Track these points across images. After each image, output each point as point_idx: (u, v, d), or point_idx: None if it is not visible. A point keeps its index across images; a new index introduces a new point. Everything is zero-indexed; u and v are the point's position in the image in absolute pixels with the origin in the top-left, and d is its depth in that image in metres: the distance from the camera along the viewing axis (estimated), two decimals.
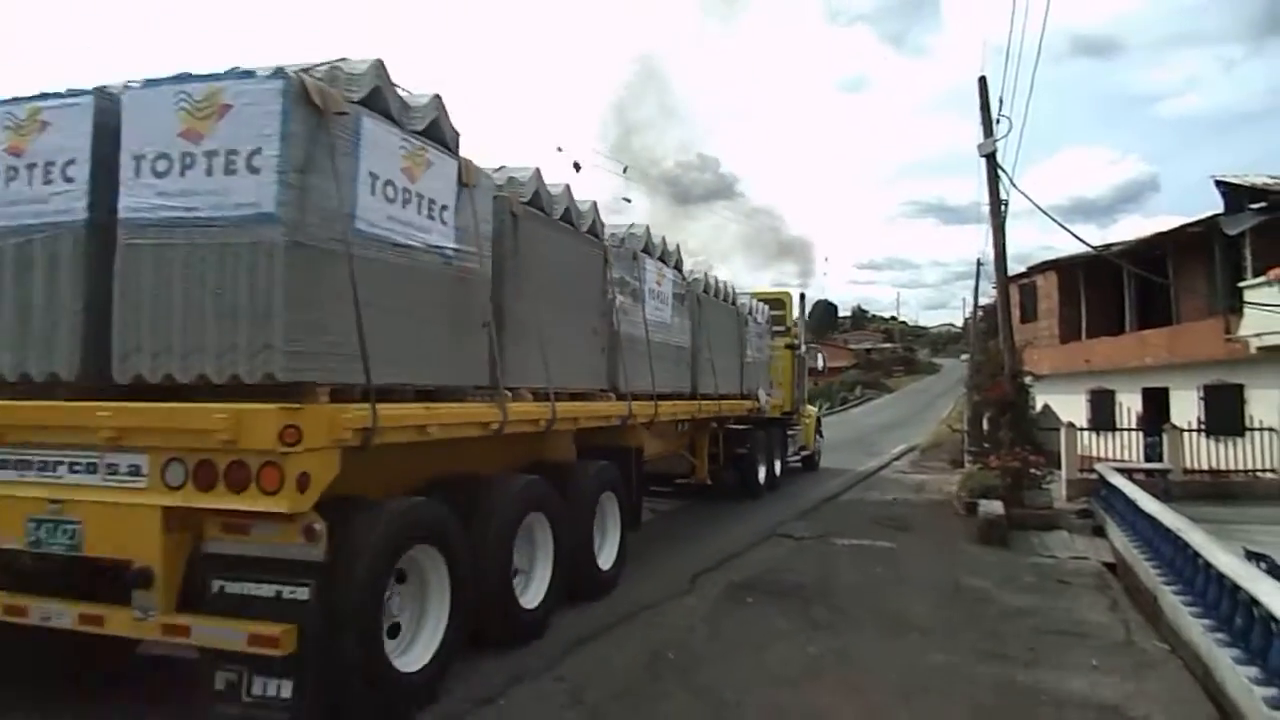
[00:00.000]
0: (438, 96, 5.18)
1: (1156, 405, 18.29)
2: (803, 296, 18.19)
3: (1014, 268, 19.17)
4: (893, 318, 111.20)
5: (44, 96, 4.51)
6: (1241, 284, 15.32)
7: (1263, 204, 15.07)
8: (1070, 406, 20.73)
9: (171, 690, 4.52)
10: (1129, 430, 16.85)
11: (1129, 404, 18.62)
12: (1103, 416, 19.57)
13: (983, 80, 14.24)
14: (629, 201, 28.75)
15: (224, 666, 3.87)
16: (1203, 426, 16.22)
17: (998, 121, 13.89)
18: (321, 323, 4.17)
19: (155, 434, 3.99)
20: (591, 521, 7.07)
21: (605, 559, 7.31)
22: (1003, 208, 14.17)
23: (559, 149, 21.56)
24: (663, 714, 4.69)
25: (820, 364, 21.05)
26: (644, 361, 8.50)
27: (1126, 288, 20.13)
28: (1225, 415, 16.12)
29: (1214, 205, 16.91)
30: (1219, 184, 16.86)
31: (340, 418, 4.07)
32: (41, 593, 4.25)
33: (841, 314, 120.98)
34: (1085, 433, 17.02)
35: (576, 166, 21.77)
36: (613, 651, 5.78)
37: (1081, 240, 16.92)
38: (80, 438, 4.09)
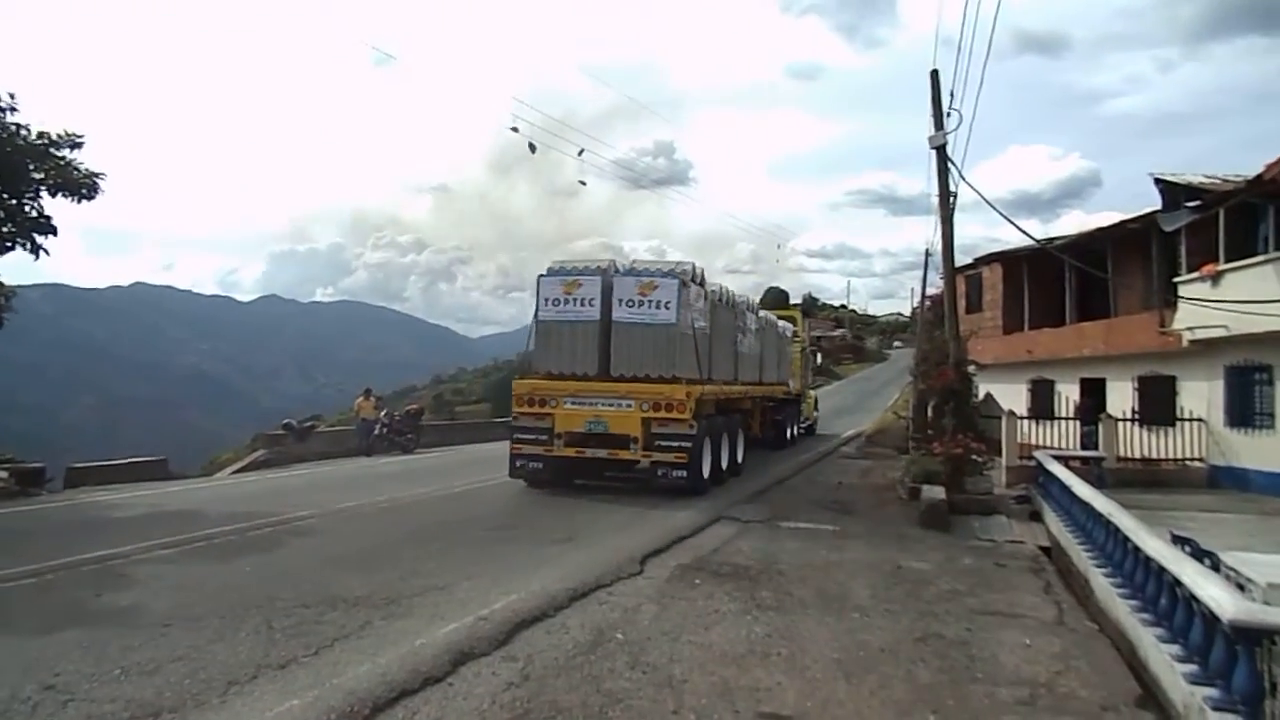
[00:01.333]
0: (702, 269, 14.05)
1: (1093, 395, 18.82)
2: (805, 312, 31.35)
3: (961, 259, 19.53)
4: (843, 306, 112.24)
5: (580, 272, 12.81)
6: (1177, 279, 15.77)
7: (1198, 202, 15.46)
8: (1011, 395, 21.28)
9: (608, 489, 13.05)
10: (1067, 419, 17.34)
11: (1068, 393, 19.14)
12: (1042, 405, 20.09)
13: (935, 74, 14.42)
14: (584, 184, 28.81)
15: (660, 468, 12.13)
16: (1136, 416, 16.77)
17: (948, 115, 14.10)
18: (688, 358, 12.67)
19: (639, 393, 12.18)
20: (736, 440, 14.94)
21: (739, 458, 15.09)
22: (951, 200, 14.40)
23: (514, 129, 21.22)
24: (609, 692, 4.74)
25: (819, 360, 31.36)
26: (745, 366, 16.69)
27: (1068, 281, 20.62)
28: (1158, 406, 16.68)
29: (1153, 202, 17.31)
30: (1157, 182, 17.28)
31: (698, 389, 12.48)
32: (588, 446, 12.36)
33: (793, 301, 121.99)
34: (1025, 421, 17.49)
35: (532, 148, 21.51)
36: (562, 632, 5.83)
37: (1025, 234, 17.22)
38: (607, 393, 12.34)
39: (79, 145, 13.78)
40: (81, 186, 13.77)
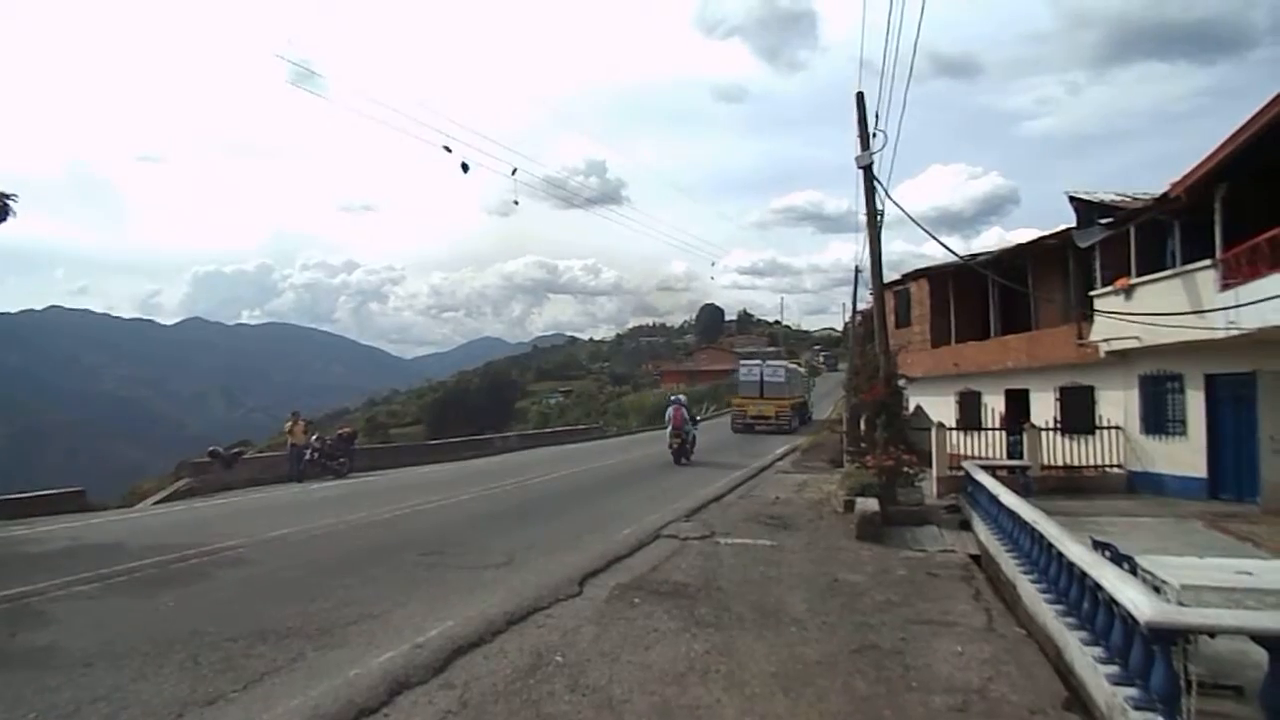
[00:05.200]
0: (788, 358, 58.85)
1: (1018, 405, 19.39)
2: (811, 367, 77.11)
3: (888, 275, 20.06)
4: (776, 322, 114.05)
5: (753, 363, 40.75)
6: (1092, 293, 16.34)
7: (1110, 219, 16.05)
8: (941, 407, 21.79)
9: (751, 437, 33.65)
10: (993, 429, 17.82)
11: (994, 404, 19.67)
12: (970, 416, 20.60)
13: (860, 96, 14.76)
14: (517, 204, 28.75)
15: (779, 425, 36.23)
16: (1058, 425, 17.31)
17: (874, 135, 14.43)
18: (784, 391, 38.47)
19: (773, 402, 37.30)
20: (795, 418, 38.50)
21: (796, 425, 37.83)
22: (879, 217, 14.73)
23: (447, 149, 21.07)
24: (549, 715, 4.70)
25: (815, 383, 52.30)
26: (793, 390, 40.36)
27: (991, 295, 21.24)
28: (1078, 415, 17.22)
29: (1069, 219, 17.92)
30: (1072, 199, 17.91)
31: (791, 401, 38.81)
32: (756, 419, 36.82)
33: (727, 318, 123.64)
34: (954, 432, 17.88)
35: (464, 167, 21.34)
36: (500, 656, 5.77)
37: (950, 250, 17.71)
38: (763, 403, 37.32)
39: None
40: None
